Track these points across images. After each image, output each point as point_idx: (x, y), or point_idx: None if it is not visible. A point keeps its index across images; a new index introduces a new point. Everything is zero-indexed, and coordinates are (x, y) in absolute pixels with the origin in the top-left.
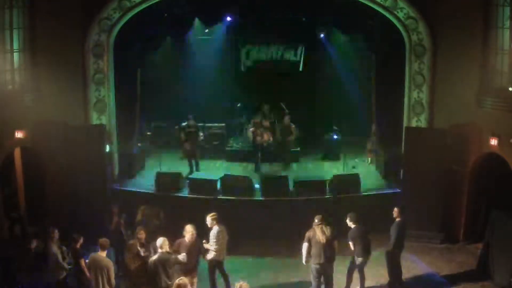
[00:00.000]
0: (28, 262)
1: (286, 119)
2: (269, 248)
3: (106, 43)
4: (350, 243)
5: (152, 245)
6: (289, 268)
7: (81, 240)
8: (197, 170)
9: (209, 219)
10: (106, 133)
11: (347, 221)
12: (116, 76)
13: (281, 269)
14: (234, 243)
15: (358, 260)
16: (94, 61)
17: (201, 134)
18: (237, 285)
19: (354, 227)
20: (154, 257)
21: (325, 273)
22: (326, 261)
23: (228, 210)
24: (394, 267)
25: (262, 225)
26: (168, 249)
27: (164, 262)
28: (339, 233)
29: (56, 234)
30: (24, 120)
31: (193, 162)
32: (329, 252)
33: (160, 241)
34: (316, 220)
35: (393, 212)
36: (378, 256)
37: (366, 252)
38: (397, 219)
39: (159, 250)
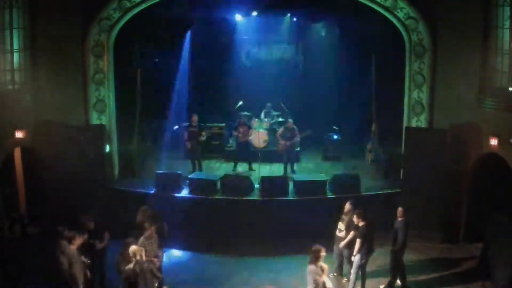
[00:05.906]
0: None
1: (290, 121)
2: (269, 248)
3: (106, 43)
4: (358, 241)
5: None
6: (289, 268)
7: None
8: (200, 169)
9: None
10: (106, 133)
11: (355, 219)
12: (116, 76)
13: (281, 269)
14: (234, 243)
15: (363, 258)
16: (94, 61)
17: (203, 133)
18: None
19: (363, 224)
20: (130, 265)
21: None
22: None
23: (228, 210)
24: (399, 267)
25: (262, 225)
26: (142, 257)
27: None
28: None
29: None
30: (24, 120)
31: (195, 161)
32: None
33: (134, 249)
34: None
35: (397, 212)
36: (378, 255)
37: (370, 250)
38: (400, 219)
39: (134, 259)
